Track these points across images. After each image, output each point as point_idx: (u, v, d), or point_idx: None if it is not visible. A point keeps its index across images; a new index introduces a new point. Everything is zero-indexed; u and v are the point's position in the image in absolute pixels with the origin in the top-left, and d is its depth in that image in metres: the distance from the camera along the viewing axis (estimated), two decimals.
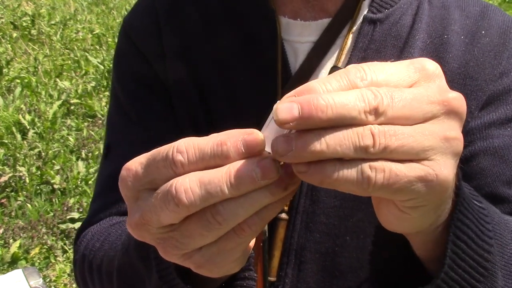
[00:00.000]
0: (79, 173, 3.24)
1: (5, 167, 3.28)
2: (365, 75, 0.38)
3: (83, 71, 4.62)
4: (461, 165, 0.47)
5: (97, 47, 5.17)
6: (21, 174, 3.21)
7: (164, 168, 0.40)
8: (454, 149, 0.39)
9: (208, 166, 0.39)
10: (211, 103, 0.75)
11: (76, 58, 4.86)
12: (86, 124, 3.86)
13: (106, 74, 4.47)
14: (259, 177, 0.38)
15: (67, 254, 2.73)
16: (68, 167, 3.32)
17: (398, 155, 0.37)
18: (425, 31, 0.73)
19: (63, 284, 2.57)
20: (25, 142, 3.55)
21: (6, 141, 3.54)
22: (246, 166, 0.38)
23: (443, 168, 0.38)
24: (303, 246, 0.71)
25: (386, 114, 0.37)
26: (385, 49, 0.72)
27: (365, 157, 0.37)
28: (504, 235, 0.57)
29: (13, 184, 3.18)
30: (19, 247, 2.71)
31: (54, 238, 2.81)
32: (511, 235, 0.58)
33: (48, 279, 2.59)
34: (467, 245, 0.49)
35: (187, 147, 0.39)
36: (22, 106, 3.99)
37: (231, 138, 0.39)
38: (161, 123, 0.77)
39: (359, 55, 0.71)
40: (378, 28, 0.72)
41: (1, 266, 2.62)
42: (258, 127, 0.70)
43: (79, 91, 4.22)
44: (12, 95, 4.14)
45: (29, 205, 3.01)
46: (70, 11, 6.18)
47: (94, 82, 4.42)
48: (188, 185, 0.38)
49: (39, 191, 3.16)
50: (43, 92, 4.21)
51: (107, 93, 4.24)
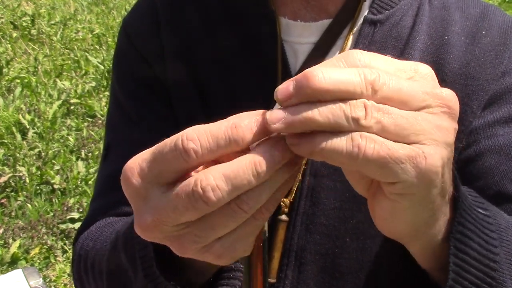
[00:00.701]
0: (79, 173, 3.23)
1: (5, 167, 3.28)
2: (363, 58, 0.39)
3: (83, 71, 4.61)
4: (459, 174, 0.47)
5: (97, 47, 5.17)
6: (21, 174, 3.20)
7: (174, 159, 0.38)
8: (446, 138, 0.39)
9: (222, 152, 0.38)
10: (211, 103, 0.75)
11: (76, 58, 4.86)
12: (86, 124, 3.86)
13: (106, 74, 4.47)
14: (279, 159, 0.38)
15: (67, 254, 2.73)
16: (68, 167, 3.31)
17: (390, 134, 0.37)
18: (425, 32, 0.73)
19: (63, 284, 2.57)
20: (25, 142, 3.55)
21: (6, 141, 3.54)
22: (266, 153, 0.38)
23: (434, 153, 0.38)
24: (303, 247, 0.70)
25: (382, 91, 0.37)
26: (385, 51, 0.72)
27: (357, 129, 0.37)
28: None
29: (13, 184, 3.18)
30: (19, 247, 2.71)
31: (54, 238, 2.81)
32: None
33: (48, 279, 2.59)
34: (470, 256, 0.49)
35: (199, 134, 0.38)
36: (22, 106, 3.99)
37: (244, 120, 0.38)
38: (161, 123, 0.77)
39: None
40: (378, 29, 0.72)
41: (1, 266, 2.62)
42: None
43: (79, 91, 4.22)
44: (12, 95, 4.14)
45: (29, 205, 3.01)
46: (70, 11, 6.17)
47: (94, 82, 4.42)
48: (214, 182, 0.37)
49: (39, 191, 3.15)
50: (43, 92, 4.21)
51: (107, 93, 4.24)
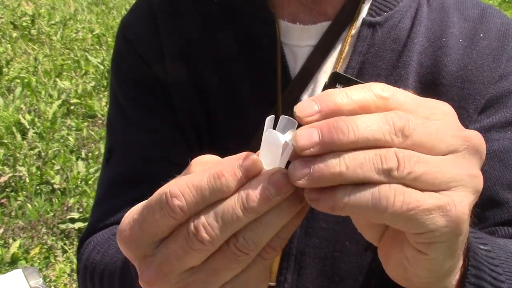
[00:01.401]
0: (79, 173, 3.23)
1: (5, 167, 3.28)
2: (386, 87, 0.37)
3: (83, 71, 4.61)
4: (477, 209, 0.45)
5: (97, 47, 5.17)
6: (21, 174, 3.20)
7: (162, 218, 0.37)
8: (475, 185, 0.38)
9: (210, 203, 0.37)
10: (211, 104, 0.75)
11: (76, 58, 4.85)
12: (86, 124, 3.85)
13: (106, 74, 4.46)
14: (273, 193, 0.36)
15: (67, 254, 2.73)
16: (68, 167, 3.31)
17: (421, 183, 0.35)
18: (423, 34, 0.73)
19: (63, 284, 2.57)
20: (25, 142, 3.55)
21: (6, 141, 3.53)
22: (257, 186, 0.36)
23: (462, 200, 0.36)
24: (302, 251, 0.70)
25: (412, 137, 0.35)
26: (384, 53, 0.71)
27: (387, 181, 0.35)
28: None
29: (13, 184, 3.17)
30: (19, 247, 2.70)
31: (54, 238, 2.80)
32: None
33: (48, 279, 2.58)
34: None
35: (181, 189, 0.36)
36: (22, 106, 3.98)
37: (227, 168, 0.37)
38: (162, 124, 0.77)
39: (358, 59, 0.71)
40: (377, 32, 0.72)
41: (1, 266, 2.62)
42: (258, 129, 0.70)
43: (79, 91, 4.21)
44: (12, 95, 4.14)
45: (29, 205, 3.01)
46: (70, 11, 6.17)
47: (94, 82, 4.42)
48: (204, 220, 0.36)
49: (39, 191, 3.15)
50: (43, 92, 4.21)
51: (107, 93, 4.24)
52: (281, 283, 0.71)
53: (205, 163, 0.39)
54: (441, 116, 0.38)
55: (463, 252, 0.45)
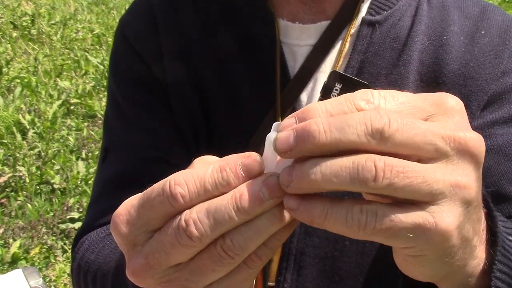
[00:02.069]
0: (79, 173, 3.23)
1: (5, 167, 3.28)
2: (372, 98, 0.35)
3: (83, 71, 4.61)
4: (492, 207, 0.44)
5: (97, 47, 5.17)
6: (21, 174, 3.20)
7: (161, 204, 0.37)
8: (463, 196, 0.35)
9: (211, 196, 0.37)
10: (210, 104, 0.75)
11: (76, 58, 4.86)
12: (86, 124, 3.86)
13: (106, 74, 4.46)
14: (266, 196, 0.36)
15: (67, 254, 2.73)
16: (68, 167, 3.31)
17: (401, 194, 0.33)
18: (424, 33, 0.72)
19: (63, 284, 2.57)
20: (25, 142, 3.55)
21: (6, 141, 3.54)
22: (252, 188, 0.36)
23: (446, 216, 0.34)
24: (302, 251, 0.70)
25: (394, 139, 0.33)
26: (384, 52, 0.71)
27: (365, 191, 0.33)
28: None
29: (13, 184, 3.17)
30: (19, 247, 2.70)
31: (54, 238, 2.80)
32: None
33: (48, 279, 2.58)
34: None
35: (186, 178, 0.37)
36: (22, 106, 3.99)
37: (230, 163, 0.37)
38: (160, 124, 0.77)
39: (358, 58, 0.71)
40: (376, 30, 0.71)
41: (1, 266, 2.62)
42: (257, 129, 0.70)
43: (79, 91, 4.21)
44: (12, 95, 4.14)
45: (29, 205, 3.01)
46: (70, 11, 6.17)
47: (94, 82, 4.42)
48: (196, 216, 0.36)
49: (39, 191, 3.15)
50: (43, 92, 4.21)
51: (107, 93, 4.23)
52: (281, 283, 0.70)
53: (208, 163, 0.40)
54: (440, 117, 0.36)
55: (484, 244, 0.43)
